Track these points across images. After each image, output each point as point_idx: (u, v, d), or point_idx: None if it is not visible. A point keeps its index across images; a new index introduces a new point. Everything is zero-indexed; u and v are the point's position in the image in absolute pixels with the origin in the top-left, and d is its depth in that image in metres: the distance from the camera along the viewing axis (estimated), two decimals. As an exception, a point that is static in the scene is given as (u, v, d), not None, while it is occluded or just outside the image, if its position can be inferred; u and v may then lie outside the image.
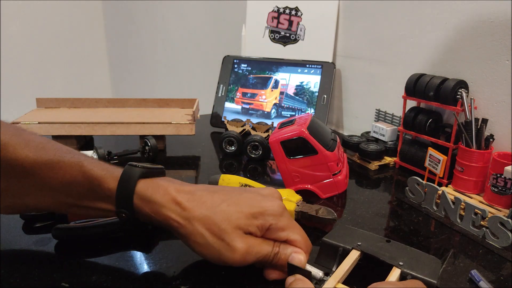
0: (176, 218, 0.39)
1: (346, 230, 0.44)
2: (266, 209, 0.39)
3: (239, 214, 0.38)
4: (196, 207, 0.39)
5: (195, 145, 0.86)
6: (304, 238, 0.40)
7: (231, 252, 0.37)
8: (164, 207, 0.39)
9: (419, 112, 0.69)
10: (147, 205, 0.40)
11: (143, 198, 0.40)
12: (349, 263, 0.38)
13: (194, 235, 0.38)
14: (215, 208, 0.39)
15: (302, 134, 0.58)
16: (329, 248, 0.41)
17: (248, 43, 1.05)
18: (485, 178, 0.59)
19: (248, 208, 0.39)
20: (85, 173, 0.40)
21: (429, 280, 0.36)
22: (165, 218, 0.39)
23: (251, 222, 0.38)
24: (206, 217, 0.38)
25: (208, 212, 0.38)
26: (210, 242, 0.38)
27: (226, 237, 0.37)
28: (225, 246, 0.37)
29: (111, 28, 2.41)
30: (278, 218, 0.39)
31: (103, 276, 0.42)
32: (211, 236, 0.38)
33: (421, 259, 0.39)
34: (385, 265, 0.38)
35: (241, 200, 0.40)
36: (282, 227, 0.39)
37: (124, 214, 0.40)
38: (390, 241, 0.41)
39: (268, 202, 0.40)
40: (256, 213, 0.39)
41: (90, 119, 0.80)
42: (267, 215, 0.39)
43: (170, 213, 0.39)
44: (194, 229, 0.38)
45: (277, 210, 0.40)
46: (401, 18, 0.78)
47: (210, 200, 0.40)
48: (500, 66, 0.61)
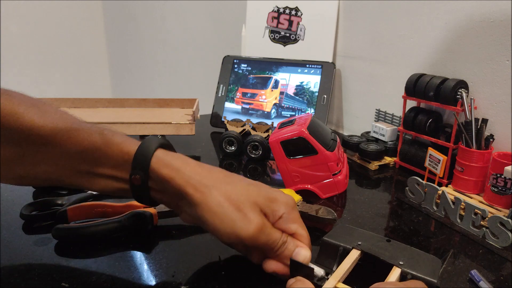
0: (194, 184, 0.38)
1: (346, 229, 0.44)
2: (281, 198, 0.40)
3: (258, 193, 0.39)
4: (216, 180, 0.39)
5: (195, 145, 0.86)
6: (308, 237, 0.41)
7: (247, 223, 0.37)
8: (182, 172, 0.39)
9: (419, 112, 0.69)
10: (165, 169, 0.39)
11: (161, 161, 0.39)
12: (349, 262, 0.38)
13: (211, 202, 0.37)
14: (235, 184, 0.39)
15: (302, 134, 0.58)
16: (329, 248, 0.41)
17: (248, 43, 1.05)
18: (485, 178, 0.59)
19: (265, 192, 0.40)
20: (105, 138, 0.40)
21: (429, 279, 0.36)
22: (182, 184, 0.38)
23: (267, 204, 0.39)
24: (226, 189, 0.38)
25: (228, 186, 0.39)
26: (226, 212, 0.37)
27: (244, 208, 0.38)
28: (242, 216, 0.37)
29: (111, 28, 2.41)
30: (291, 210, 0.40)
31: (103, 276, 0.42)
32: (229, 205, 0.37)
33: (421, 259, 0.39)
34: (385, 264, 0.38)
35: (258, 185, 0.41)
36: (293, 219, 0.40)
37: (139, 175, 0.39)
38: (390, 241, 0.41)
39: (283, 194, 0.41)
40: (273, 198, 0.40)
41: (90, 119, 0.79)
42: (281, 204, 0.40)
43: (188, 178, 0.38)
44: (212, 196, 0.38)
45: (291, 203, 0.41)
46: (401, 18, 0.78)
47: (230, 178, 0.40)
48: (500, 66, 0.61)
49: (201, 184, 0.38)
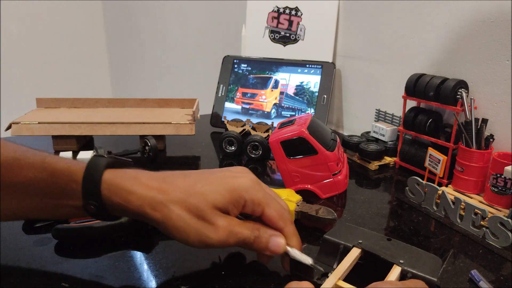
0: (150, 203, 0.37)
1: (347, 228, 0.44)
2: (239, 184, 0.39)
3: (215, 193, 0.38)
4: (170, 190, 0.37)
5: (195, 145, 0.86)
6: (279, 213, 0.40)
7: (213, 231, 0.37)
8: (135, 194, 0.37)
9: (419, 112, 0.69)
10: (117, 194, 0.37)
11: (111, 186, 0.37)
12: (349, 260, 0.39)
13: (172, 218, 0.36)
14: (190, 189, 0.37)
15: (302, 134, 0.58)
16: (330, 246, 0.42)
17: (248, 43, 1.05)
18: (485, 178, 0.59)
19: (222, 186, 0.38)
20: (48, 168, 0.38)
21: (430, 278, 0.36)
22: (138, 206, 0.37)
23: (227, 200, 0.38)
24: (182, 199, 0.37)
25: (184, 195, 0.37)
26: (190, 224, 0.36)
27: (206, 216, 0.37)
28: (206, 225, 0.37)
29: (111, 28, 2.41)
30: (251, 193, 0.39)
31: (103, 276, 0.42)
32: (190, 217, 0.36)
33: (421, 258, 0.39)
34: (386, 263, 0.38)
35: (214, 180, 0.39)
36: (258, 201, 0.39)
37: (93, 205, 0.38)
38: (391, 240, 0.41)
39: (241, 178, 0.40)
40: (231, 190, 0.38)
41: (90, 119, 0.80)
42: (240, 191, 0.38)
43: (143, 199, 0.37)
44: (171, 212, 0.36)
45: (250, 185, 0.39)
46: (401, 18, 0.78)
47: (183, 183, 0.38)
48: (500, 66, 0.61)
49: (157, 202, 0.37)
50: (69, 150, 0.77)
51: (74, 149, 0.79)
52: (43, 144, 0.82)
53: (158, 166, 0.74)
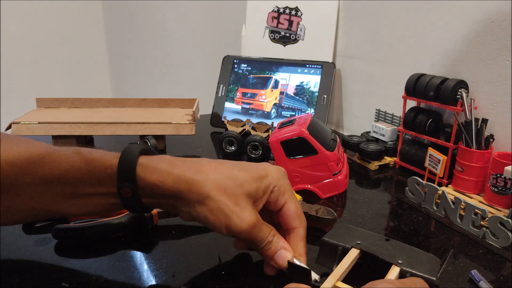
0: (187, 183, 0.37)
1: (346, 229, 0.44)
2: (270, 171, 0.41)
3: (249, 179, 0.39)
4: (208, 171, 0.38)
5: (195, 145, 0.86)
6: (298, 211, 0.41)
7: (241, 219, 0.37)
8: (171, 174, 0.38)
9: (419, 112, 0.69)
10: (153, 175, 0.38)
11: (146, 168, 0.38)
12: (348, 261, 0.39)
13: (208, 199, 0.37)
14: (226, 173, 0.38)
15: (302, 134, 0.58)
16: (328, 248, 0.42)
17: (248, 43, 1.05)
18: (485, 178, 0.59)
19: (255, 171, 0.40)
20: (83, 157, 0.38)
21: (428, 277, 0.36)
22: (174, 185, 0.37)
23: (258, 186, 0.39)
24: (220, 181, 0.37)
25: (221, 176, 0.38)
26: (223, 207, 0.37)
27: (241, 202, 0.38)
28: (238, 211, 0.37)
29: (111, 28, 2.41)
30: (280, 181, 0.41)
31: (103, 276, 0.42)
32: (226, 200, 0.37)
33: (420, 257, 0.39)
34: (385, 263, 0.38)
35: (247, 167, 0.40)
36: (284, 191, 0.41)
37: (128, 188, 0.38)
38: (389, 240, 0.41)
39: (270, 167, 0.42)
40: (262, 175, 0.40)
41: (90, 119, 0.80)
42: (271, 178, 0.40)
43: (179, 179, 0.37)
44: (207, 191, 0.37)
45: (280, 174, 0.41)
46: (401, 18, 0.78)
47: (220, 167, 0.39)
48: (500, 66, 0.61)
49: (193, 181, 0.37)
50: (69, 150, 0.77)
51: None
52: (43, 144, 0.82)
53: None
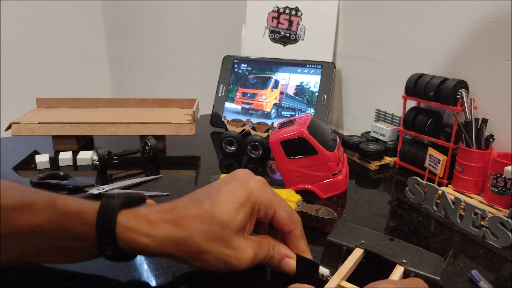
0: (173, 243, 0.36)
1: (350, 228, 0.44)
2: (250, 191, 0.38)
3: (233, 214, 0.37)
4: (189, 224, 0.36)
5: (195, 145, 0.86)
6: (289, 214, 0.40)
7: (241, 256, 0.37)
8: (154, 238, 0.36)
9: (419, 112, 0.69)
10: (134, 239, 0.36)
11: (127, 231, 0.36)
12: (352, 261, 0.39)
13: (199, 253, 0.36)
14: (208, 218, 0.36)
15: (302, 134, 0.58)
16: (333, 247, 0.42)
17: (248, 43, 1.05)
18: (485, 178, 0.59)
19: (236, 201, 0.37)
20: (59, 210, 0.36)
21: (432, 277, 0.36)
22: (160, 248, 0.36)
23: (244, 214, 0.37)
24: (205, 231, 0.36)
25: (204, 225, 0.36)
26: (217, 255, 0.36)
27: (233, 243, 0.37)
28: (233, 252, 0.37)
29: (111, 28, 2.41)
30: (262, 195, 0.39)
31: (103, 276, 0.42)
32: (217, 247, 0.36)
33: (424, 257, 0.39)
34: (389, 263, 0.38)
35: (226, 195, 0.38)
36: (270, 203, 0.39)
37: (109, 250, 0.36)
38: (393, 239, 0.41)
39: (249, 183, 0.39)
40: (244, 200, 0.38)
41: (90, 119, 0.80)
42: (253, 197, 0.38)
43: (164, 241, 0.36)
44: (196, 248, 0.36)
45: (260, 188, 0.39)
46: (401, 18, 0.78)
47: (199, 210, 0.37)
48: (500, 66, 0.61)
49: (179, 241, 0.36)
50: (69, 150, 0.77)
51: (74, 149, 0.79)
52: (43, 144, 0.82)
53: (158, 166, 0.74)
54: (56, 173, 0.65)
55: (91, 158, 0.73)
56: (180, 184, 0.67)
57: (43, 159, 0.72)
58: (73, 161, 0.74)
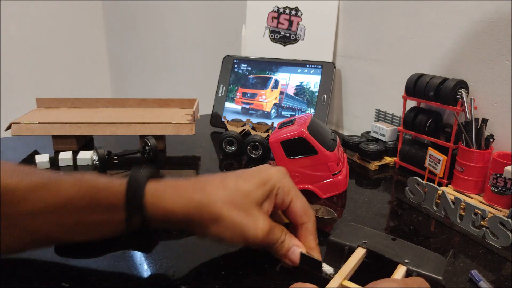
0: (197, 206, 0.38)
1: (352, 228, 0.44)
2: (272, 175, 0.41)
3: (254, 188, 0.39)
4: (214, 189, 0.38)
5: (195, 145, 0.86)
6: (304, 207, 0.42)
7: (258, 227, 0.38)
8: (181, 200, 0.38)
9: (419, 112, 0.69)
10: (162, 204, 0.38)
11: (155, 196, 0.38)
12: (354, 260, 0.39)
13: (219, 217, 0.37)
14: (232, 187, 0.39)
15: (302, 134, 0.58)
16: (335, 247, 0.42)
17: (248, 43, 1.05)
18: (485, 178, 0.59)
19: (258, 179, 0.40)
20: (87, 185, 0.38)
21: (435, 276, 0.36)
22: (185, 212, 0.38)
23: (264, 191, 0.40)
24: (228, 197, 0.38)
25: (228, 192, 0.38)
26: (236, 222, 0.38)
27: (253, 213, 0.38)
28: (252, 221, 0.38)
29: (111, 28, 2.41)
30: (283, 181, 0.41)
31: (103, 276, 0.42)
32: (238, 214, 0.38)
33: (426, 257, 0.39)
34: (391, 262, 0.38)
35: (250, 174, 0.41)
36: (288, 190, 0.41)
37: (137, 218, 0.38)
38: (395, 239, 0.41)
39: (271, 169, 0.42)
40: (265, 180, 0.40)
41: (90, 119, 0.80)
42: (274, 180, 0.41)
43: (189, 204, 0.38)
44: (218, 211, 0.37)
45: (281, 175, 0.42)
46: (401, 18, 0.78)
47: (223, 182, 0.39)
48: (500, 66, 0.61)
49: (202, 204, 0.38)
50: (69, 150, 0.77)
51: (74, 149, 0.79)
52: (43, 144, 0.82)
53: (158, 166, 0.74)
54: (56, 173, 0.65)
55: (91, 158, 0.73)
56: (180, 184, 0.67)
57: (43, 159, 0.72)
58: (73, 161, 0.74)
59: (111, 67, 2.54)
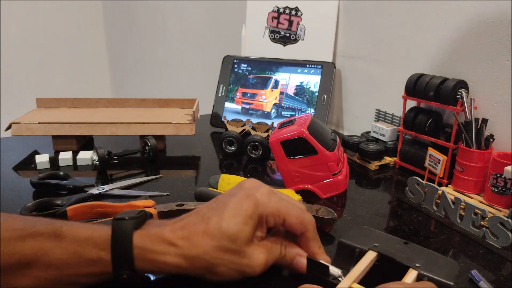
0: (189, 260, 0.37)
1: (363, 231, 0.44)
2: (256, 202, 0.39)
3: (241, 226, 0.37)
4: (201, 241, 0.37)
5: (195, 145, 0.86)
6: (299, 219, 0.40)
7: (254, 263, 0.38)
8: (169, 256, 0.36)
9: (419, 112, 0.69)
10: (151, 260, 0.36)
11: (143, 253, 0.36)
12: (365, 263, 0.38)
13: (213, 267, 0.37)
14: (218, 233, 0.37)
15: (302, 134, 0.58)
16: (346, 249, 0.41)
17: (248, 43, 1.05)
18: (485, 178, 0.59)
19: (242, 214, 0.38)
20: (66, 237, 0.36)
21: (446, 282, 0.35)
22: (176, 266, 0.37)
23: (252, 226, 0.38)
24: (217, 246, 0.37)
25: (215, 241, 0.37)
26: (231, 267, 0.37)
27: (245, 254, 0.38)
28: (246, 261, 0.38)
29: (111, 28, 2.41)
30: (270, 206, 0.39)
31: (103, 276, 0.42)
32: (231, 259, 0.37)
33: (438, 261, 0.38)
34: (402, 266, 0.38)
35: (232, 209, 0.38)
36: (278, 213, 0.39)
37: (126, 275, 0.36)
38: (407, 243, 0.41)
39: (255, 194, 0.39)
40: (250, 213, 0.38)
41: (90, 119, 0.80)
42: (259, 209, 0.38)
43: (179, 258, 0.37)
44: (211, 263, 0.37)
45: (267, 199, 0.39)
46: (401, 18, 0.78)
47: (208, 226, 0.37)
48: (500, 66, 0.61)
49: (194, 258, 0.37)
50: (69, 150, 0.77)
51: (74, 149, 0.79)
52: (43, 144, 0.82)
53: (158, 166, 0.74)
54: (56, 173, 0.65)
55: (91, 158, 0.73)
56: (180, 184, 0.67)
57: (43, 159, 0.72)
58: (73, 161, 0.74)
59: (111, 67, 2.54)
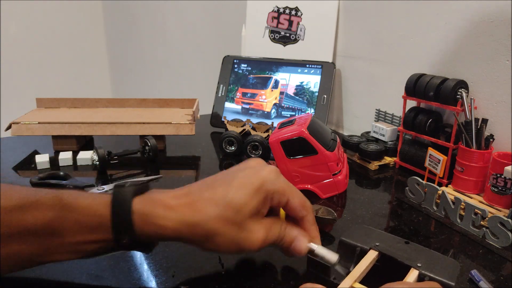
0: (188, 226, 0.36)
1: (365, 230, 0.44)
2: (264, 179, 0.39)
3: (247, 199, 0.37)
4: (204, 207, 0.37)
5: (195, 145, 0.86)
6: (301, 201, 0.41)
7: (253, 238, 0.37)
8: (170, 219, 0.36)
9: (419, 112, 0.69)
10: (150, 224, 0.36)
11: (143, 217, 0.36)
12: (366, 263, 0.38)
13: (212, 236, 0.36)
14: (222, 201, 0.37)
15: (302, 134, 0.58)
16: (347, 248, 0.41)
17: (248, 43, 1.05)
18: (485, 178, 0.59)
19: (250, 187, 0.38)
20: (67, 205, 0.36)
21: (447, 282, 0.35)
22: (175, 231, 0.36)
23: (258, 202, 0.38)
24: (219, 214, 0.36)
25: (218, 208, 0.36)
26: (230, 237, 0.37)
27: (246, 226, 0.37)
28: (246, 234, 0.37)
29: (111, 28, 2.41)
30: (276, 184, 0.39)
31: (103, 276, 0.42)
32: (230, 230, 0.37)
33: (439, 261, 0.38)
34: (403, 266, 0.38)
35: (240, 182, 0.38)
36: (283, 191, 0.39)
37: (126, 239, 0.36)
38: (409, 243, 0.41)
39: (262, 171, 0.39)
40: (258, 187, 0.38)
41: (90, 119, 0.80)
42: (267, 185, 0.38)
43: (179, 223, 0.36)
44: (210, 230, 0.36)
45: (273, 177, 0.39)
46: (401, 18, 0.78)
47: (213, 195, 0.37)
48: (500, 66, 0.61)
49: (194, 223, 0.36)
50: (69, 150, 0.77)
51: (74, 149, 0.79)
52: (43, 144, 0.82)
53: (158, 166, 0.74)
54: (56, 173, 0.65)
55: (91, 158, 0.73)
56: (180, 184, 0.66)
57: (43, 159, 0.72)
58: (73, 161, 0.74)
59: (111, 67, 2.54)
